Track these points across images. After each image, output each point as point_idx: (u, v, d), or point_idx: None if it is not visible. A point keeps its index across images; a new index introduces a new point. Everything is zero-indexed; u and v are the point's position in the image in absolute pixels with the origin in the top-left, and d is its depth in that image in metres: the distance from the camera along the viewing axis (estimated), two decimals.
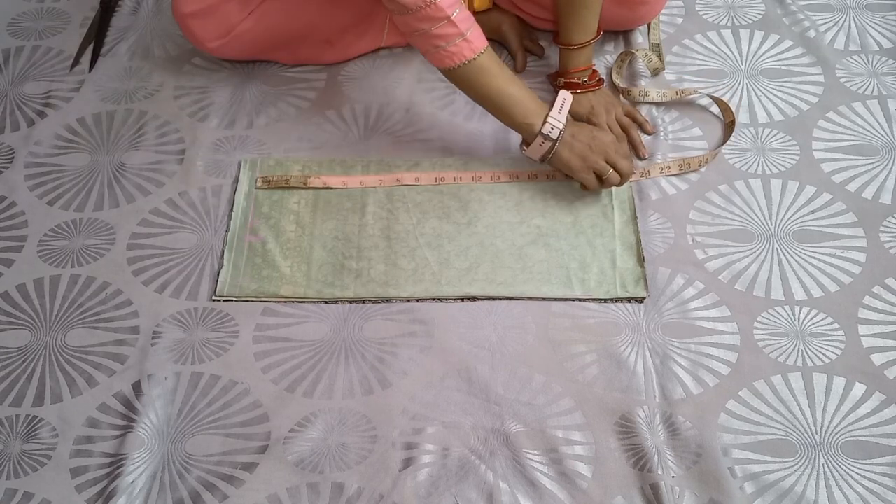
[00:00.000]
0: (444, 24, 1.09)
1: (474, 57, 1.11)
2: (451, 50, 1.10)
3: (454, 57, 1.11)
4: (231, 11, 1.30)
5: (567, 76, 1.27)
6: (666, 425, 0.99)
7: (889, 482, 0.94)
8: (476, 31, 1.12)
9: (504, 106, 1.15)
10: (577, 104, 1.25)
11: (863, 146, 1.25)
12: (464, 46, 1.10)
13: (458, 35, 1.09)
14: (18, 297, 1.14)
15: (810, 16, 1.44)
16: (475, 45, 1.11)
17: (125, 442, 1.00)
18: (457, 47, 1.10)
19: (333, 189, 1.23)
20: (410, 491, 0.95)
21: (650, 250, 1.15)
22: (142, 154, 1.30)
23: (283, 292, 1.12)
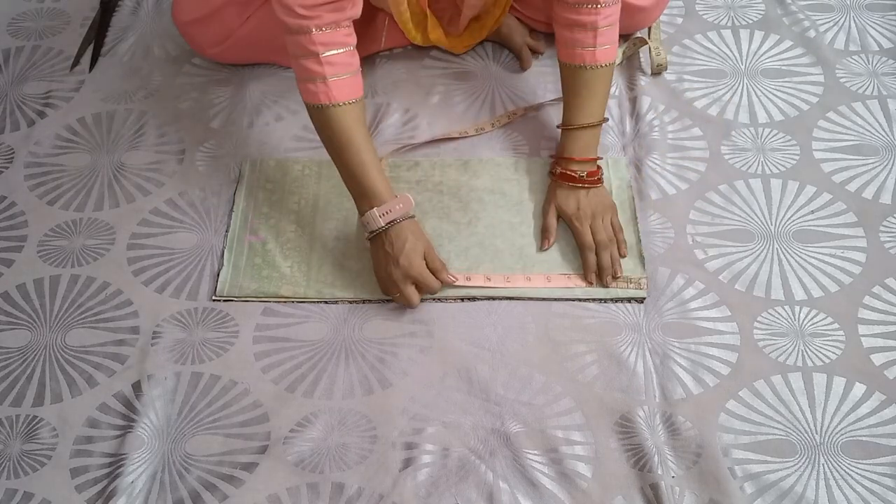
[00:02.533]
0: (310, 59, 1.03)
1: (330, 104, 1.04)
2: (309, 86, 1.05)
3: (309, 95, 1.05)
4: (229, 17, 1.31)
5: (564, 164, 1.17)
6: (666, 425, 0.99)
7: (889, 482, 0.94)
8: (345, 82, 1.05)
9: (344, 170, 1.09)
10: (564, 200, 1.16)
11: (863, 146, 1.25)
12: (321, 89, 1.04)
13: (319, 76, 1.03)
14: (18, 297, 1.14)
15: (810, 16, 1.44)
16: (333, 94, 1.04)
17: (125, 442, 1.00)
18: (315, 87, 1.04)
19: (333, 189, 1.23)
20: (410, 491, 0.95)
21: (650, 250, 1.15)
22: (142, 154, 1.30)
23: (283, 292, 1.12)
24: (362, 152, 1.07)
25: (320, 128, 1.09)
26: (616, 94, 1.34)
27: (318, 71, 1.04)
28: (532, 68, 1.39)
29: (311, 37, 1.02)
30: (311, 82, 1.05)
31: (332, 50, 1.03)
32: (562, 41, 1.16)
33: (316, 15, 1.01)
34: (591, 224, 1.14)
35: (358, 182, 1.08)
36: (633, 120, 1.30)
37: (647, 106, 1.32)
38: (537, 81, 1.37)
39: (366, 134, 1.09)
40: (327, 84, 1.04)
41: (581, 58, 1.14)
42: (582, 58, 1.14)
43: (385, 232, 1.07)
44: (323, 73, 1.04)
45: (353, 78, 1.07)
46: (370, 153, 1.08)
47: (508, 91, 1.36)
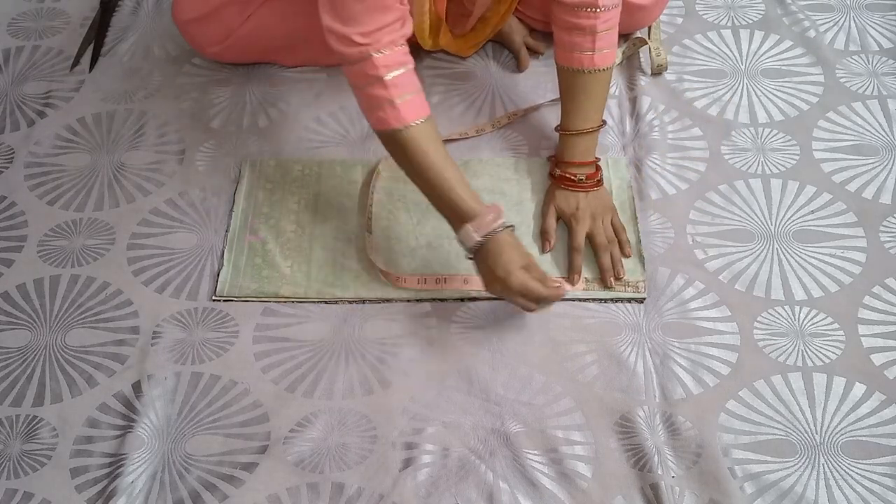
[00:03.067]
0: (376, 85, 1.00)
1: (401, 127, 1.01)
2: (379, 114, 1.01)
3: (380, 122, 1.02)
4: (230, 16, 1.31)
5: (563, 168, 1.16)
6: (666, 425, 0.99)
7: (889, 482, 0.94)
8: (412, 101, 1.01)
9: (430, 191, 1.05)
10: (563, 201, 1.15)
11: (863, 146, 1.25)
12: (390, 113, 1.00)
13: (386, 100, 1.00)
14: (18, 297, 1.14)
15: (810, 16, 1.44)
16: (402, 115, 1.00)
17: (125, 442, 1.00)
18: (384, 112, 1.01)
19: (333, 189, 1.23)
20: (410, 491, 0.95)
21: (650, 250, 1.15)
22: (142, 154, 1.30)
23: (284, 292, 1.12)
24: (444, 170, 1.03)
25: (396, 153, 1.05)
26: (616, 94, 1.34)
27: (384, 95, 1.00)
28: (532, 68, 1.39)
29: (373, 61, 0.98)
30: (379, 109, 1.01)
31: (394, 71, 1.00)
32: (560, 44, 1.15)
33: (374, 39, 0.98)
34: (590, 226, 1.14)
35: (446, 202, 1.04)
36: (633, 120, 1.30)
37: (647, 106, 1.32)
38: (537, 82, 1.37)
39: (443, 151, 1.04)
40: (395, 106, 1.00)
41: (579, 62, 1.13)
42: (580, 62, 1.13)
43: (482, 247, 1.02)
44: (389, 96, 1.00)
45: (418, 96, 1.03)
46: (452, 169, 1.04)
47: (508, 91, 1.35)
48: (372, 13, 0.98)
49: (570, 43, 1.13)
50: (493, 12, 1.32)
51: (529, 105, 1.33)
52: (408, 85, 1.02)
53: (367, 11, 0.98)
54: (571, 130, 1.16)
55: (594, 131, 1.17)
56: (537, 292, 1.00)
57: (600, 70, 1.13)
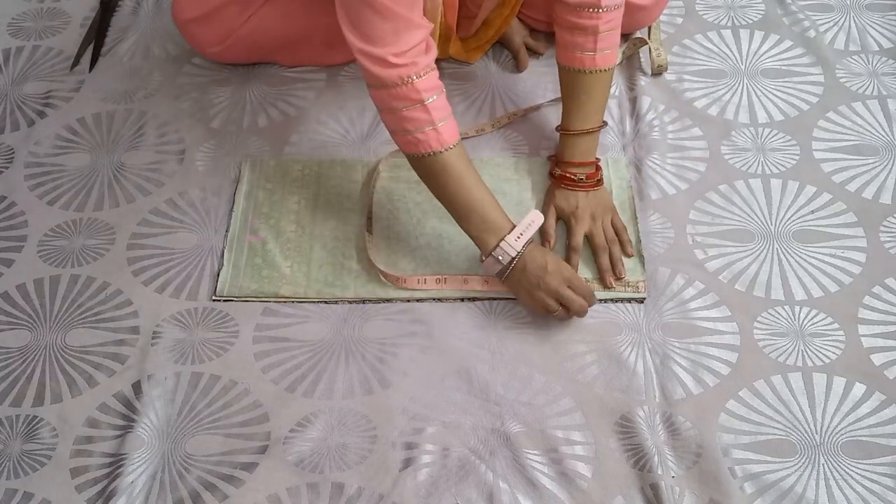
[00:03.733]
0: (416, 108, 1.00)
1: (441, 150, 1.02)
2: (417, 136, 1.02)
3: (420, 145, 1.02)
4: (230, 16, 1.31)
5: (563, 167, 1.16)
6: (666, 425, 0.99)
7: (889, 482, 0.94)
8: (449, 125, 1.03)
9: (463, 212, 1.06)
10: (563, 200, 1.15)
11: (863, 146, 1.25)
12: (431, 136, 1.02)
13: (428, 123, 1.01)
14: (18, 297, 1.14)
15: (810, 16, 1.44)
16: (444, 139, 1.02)
17: (125, 442, 1.00)
18: (424, 135, 1.02)
19: (333, 189, 1.23)
20: (410, 491, 0.95)
21: (650, 250, 1.15)
22: (142, 154, 1.30)
23: (283, 292, 1.12)
24: (479, 189, 1.05)
25: (431, 175, 1.05)
26: (616, 94, 1.34)
27: (426, 119, 1.01)
28: (531, 68, 1.39)
29: (415, 85, 0.99)
30: (418, 132, 1.02)
31: (433, 95, 1.01)
32: (561, 43, 1.15)
33: (411, 62, 0.98)
34: (589, 226, 1.14)
35: (483, 218, 1.04)
36: (633, 120, 1.30)
37: (647, 106, 1.32)
38: (537, 82, 1.37)
39: (475, 170, 1.06)
40: (437, 130, 1.01)
41: (580, 61, 1.13)
42: (581, 62, 1.13)
43: (521, 257, 1.04)
44: (431, 119, 1.01)
45: (452, 119, 1.04)
46: (485, 188, 1.06)
47: (508, 91, 1.35)
48: (401, 33, 0.98)
49: (572, 43, 1.13)
50: (496, 14, 1.32)
51: (529, 105, 1.33)
52: (445, 108, 1.03)
53: (396, 32, 0.97)
54: (572, 130, 1.16)
55: (595, 131, 1.17)
56: (582, 284, 1.04)
57: (601, 70, 1.13)
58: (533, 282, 1.04)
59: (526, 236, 1.05)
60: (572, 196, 1.16)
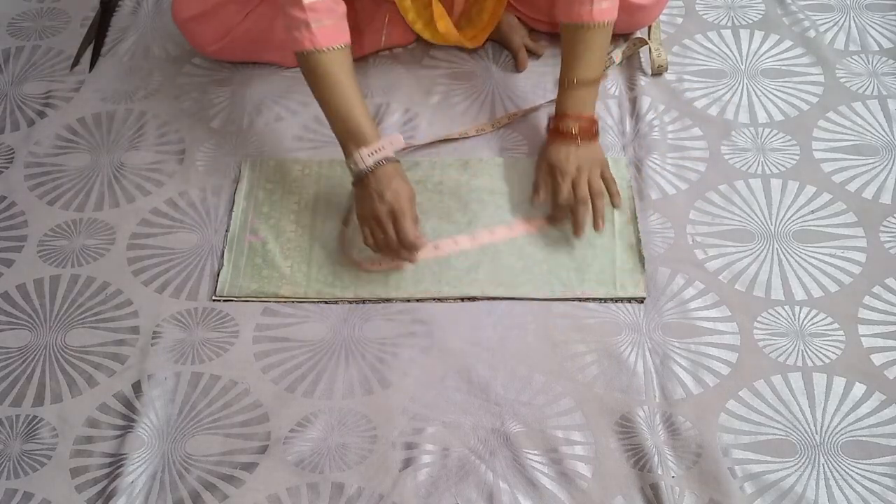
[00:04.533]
0: (294, 6, 1.05)
1: (313, 50, 1.06)
2: (294, 34, 1.07)
3: (295, 43, 1.07)
4: (229, 14, 1.31)
5: (558, 120, 1.17)
6: (666, 425, 0.99)
7: (889, 482, 0.94)
8: (329, 28, 1.06)
9: (330, 116, 1.10)
10: (554, 153, 1.16)
11: (863, 146, 1.25)
12: (305, 36, 1.06)
13: (302, 22, 1.05)
14: (18, 297, 1.14)
15: (810, 16, 1.44)
16: (318, 41, 1.06)
17: (125, 442, 1.00)
18: (300, 33, 1.06)
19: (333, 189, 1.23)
20: (410, 491, 0.95)
21: (650, 250, 1.15)
22: (142, 154, 1.30)
23: (283, 292, 1.12)
24: (348, 95, 1.08)
25: (307, 74, 1.10)
26: (616, 94, 1.34)
27: (301, 18, 1.05)
28: (531, 69, 1.39)
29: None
30: (296, 30, 1.06)
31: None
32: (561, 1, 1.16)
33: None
34: (573, 178, 1.14)
35: (345, 125, 1.08)
36: (633, 120, 1.30)
37: (647, 106, 1.32)
38: (537, 82, 1.37)
39: (352, 79, 1.09)
40: (311, 31, 1.05)
41: (579, 16, 1.13)
42: (580, 16, 1.13)
43: (372, 172, 1.07)
44: (306, 19, 1.05)
45: (336, 24, 1.07)
46: (356, 96, 1.08)
47: (508, 91, 1.36)
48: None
49: None
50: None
51: (529, 105, 1.33)
52: (329, 12, 1.06)
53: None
54: (567, 81, 1.17)
55: (592, 84, 1.16)
56: (408, 230, 1.06)
57: (600, 24, 1.14)
58: (366, 202, 1.08)
59: (380, 154, 1.07)
60: (563, 149, 1.15)
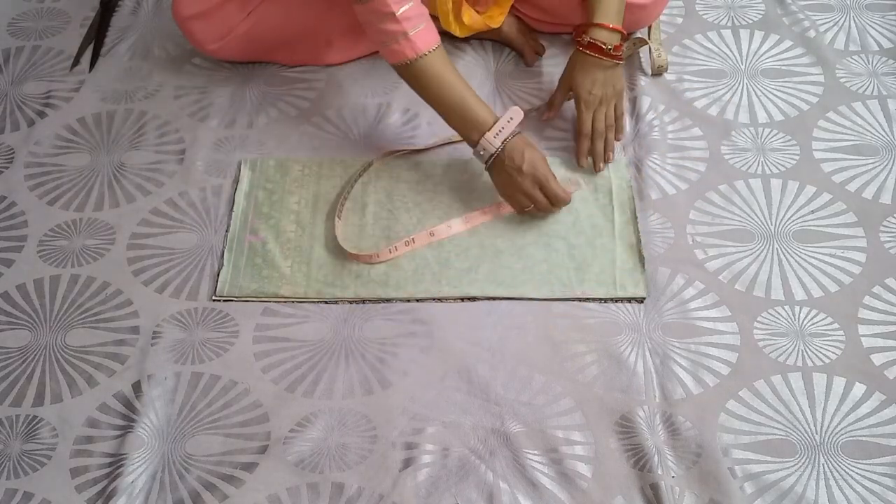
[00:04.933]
0: (388, 20, 1.07)
1: (416, 57, 1.09)
2: (393, 47, 1.09)
3: (397, 54, 1.10)
4: (230, 13, 1.31)
5: (593, 33, 1.17)
6: (666, 425, 0.99)
7: (889, 482, 0.94)
8: (424, 32, 1.09)
9: (446, 113, 1.14)
10: (581, 77, 1.20)
11: (863, 146, 1.25)
12: (405, 45, 1.09)
13: (400, 33, 1.08)
14: (18, 297, 1.14)
15: (810, 16, 1.44)
16: (418, 46, 1.09)
17: (125, 442, 1.00)
18: (399, 45, 1.09)
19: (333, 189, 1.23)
20: (410, 491, 0.95)
21: (650, 250, 1.15)
22: (142, 154, 1.30)
23: (283, 292, 1.12)
24: (458, 88, 1.12)
25: (412, 81, 1.13)
26: None
27: (398, 29, 1.08)
28: (532, 69, 1.39)
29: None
30: (394, 43, 1.09)
31: (403, 6, 1.07)
32: None
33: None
34: (594, 111, 1.21)
35: (462, 117, 1.13)
36: (633, 120, 1.30)
37: (647, 106, 1.32)
38: (538, 81, 1.37)
39: (455, 71, 1.13)
40: (409, 39, 1.08)
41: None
42: None
43: (502, 151, 1.12)
44: (404, 29, 1.08)
45: (428, 25, 1.10)
46: (465, 87, 1.13)
47: (509, 91, 1.35)
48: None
49: None
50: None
51: (529, 105, 1.33)
52: (418, 17, 1.09)
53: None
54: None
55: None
56: (557, 191, 1.12)
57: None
58: (507, 180, 1.13)
59: (505, 133, 1.12)
60: (590, 76, 1.20)
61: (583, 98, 1.20)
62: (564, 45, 1.41)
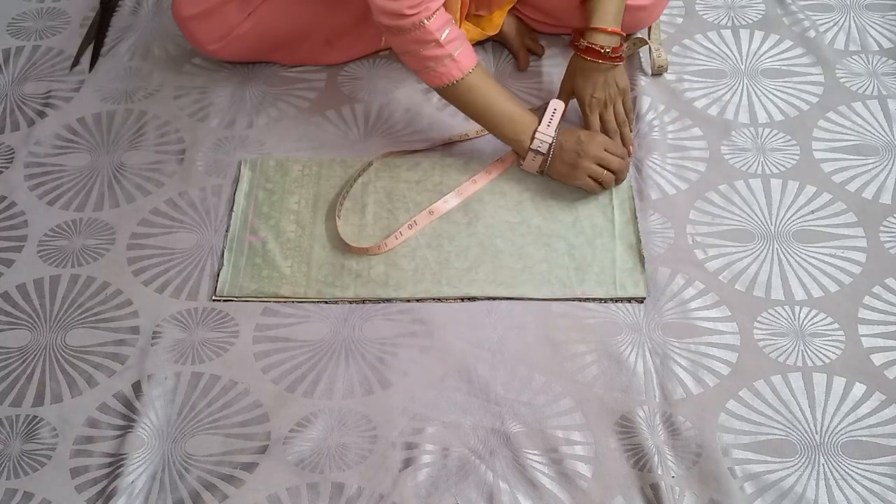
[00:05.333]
0: (432, 46, 1.10)
1: (462, 76, 1.13)
2: (440, 70, 1.12)
3: (443, 77, 1.13)
4: (230, 13, 1.31)
5: (591, 36, 1.18)
6: (666, 425, 0.99)
7: (889, 482, 0.94)
8: (465, 50, 1.13)
9: (495, 123, 1.17)
10: (582, 81, 1.21)
11: (863, 146, 1.25)
12: (452, 66, 1.12)
13: (446, 56, 1.11)
14: (18, 297, 1.14)
15: (810, 16, 1.44)
16: (463, 65, 1.12)
17: (125, 442, 1.00)
18: (445, 67, 1.12)
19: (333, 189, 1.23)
20: (410, 491, 0.95)
21: (650, 250, 1.15)
22: (142, 154, 1.30)
23: (283, 292, 1.12)
24: (504, 97, 1.16)
25: (459, 98, 1.16)
26: None
27: (443, 53, 1.11)
28: (533, 69, 1.39)
29: (427, 27, 1.08)
30: (440, 66, 1.12)
31: (445, 30, 1.10)
32: None
33: (424, 7, 1.08)
34: (599, 112, 1.22)
35: (512, 121, 1.16)
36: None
37: (647, 106, 1.32)
38: (538, 82, 1.37)
39: (495, 81, 1.17)
40: (455, 59, 1.12)
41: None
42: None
43: (556, 140, 1.15)
44: (448, 52, 1.11)
45: (468, 43, 1.14)
46: (508, 94, 1.17)
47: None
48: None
49: None
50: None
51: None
52: (459, 38, 1.12)
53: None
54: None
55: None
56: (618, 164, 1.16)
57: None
58: (573, 155, 1.16)
59: (554, 123, 1.16)
60: (591, 79, 1.21)
61: (586, 102, 1.22)
62: (564, 46, 1.41)
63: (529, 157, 1.17)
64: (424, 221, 1.18)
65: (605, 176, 1.16)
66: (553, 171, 1.18)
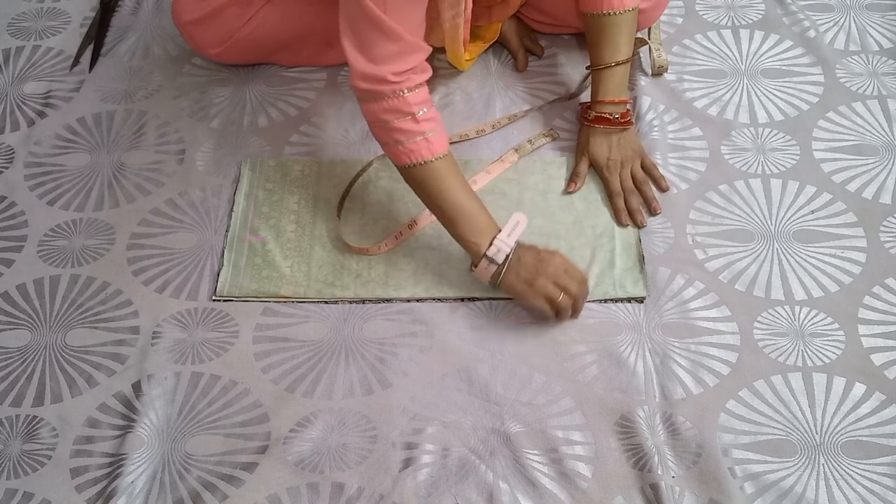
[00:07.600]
0: (406, 119, 1.03)
1: (431, 159, 1.04)
2: (409, 146, 1.04)
3: (411, 154, 1.04)
4: (231, 17, 1.31)
5: (599, 108, 1.20)
6: (666, 425, 0.99)
7: (889, 482, 0.94)
8: (439, 134, 1.05)
9: (453, 217, 1.06)
10: (597, 147, 1.20)
11: (863, 146, 1.25)
12: (423, 146, 1.04)
13: (419, 133, 1.03)
14: (18, 297, 1.14)
15: (810, 16, 1.44)
16: (435, 148, 1.04)
17: (125, 442, 1.00)
18: (416, 145, 1.04)
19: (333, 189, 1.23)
20: (410, 491, 0.95)
21: (650, 250, 1.15)
22: (142, 154, 1.30)
23: (283, 292, 1.12)
24: (468, 193, 1.07)
25: (422, 183, 1.06)
26: None
27: (417, 129, 1.03)
28: (531, 69, 1.39)
29: (406, 98, 1.02)
30: (410, 142, 1.03)
31: (423, 108, 1.03)
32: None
33: (406, 78, 1.02)
34: (619, 173, 1.20)
35: (473, 220, 1.06)
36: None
37: (647, 106, 1.31)
38: (538, 82, 1.37)
39: (463, 177, 1.08)
40: (428, 139, 1.04)
41: (599, 6, 1.16)
42: (600, 5, 1.16)
43: (514, 252, 1.05)
44: (422, 130, 1.03)
45: (443, 130, 1.07)
46: (473, 194, 1.07)
47: (509, 92, 1.35)
48: (405, 55, 1.01)
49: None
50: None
51: (529, 106, 1.33)
52: (436, 120, 1.06)
53: (401, 53, 1.01)
54: (603, 64, 1.19)
55: (625, 63, 1.20)
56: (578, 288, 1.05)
57: (624, 11, 1.17)
58: (531, 271, 1.04)
59: (515, 234, 1.06)
60: (605, 143, 1.20)
61: (602, 164, 1.20)
62: (564, 46, 1.41)
63: (483, 264, 1.05)
64: (424, 221, 1.17)
65: (561, 300, 1.04)
66: (505, 285, 1.06)
